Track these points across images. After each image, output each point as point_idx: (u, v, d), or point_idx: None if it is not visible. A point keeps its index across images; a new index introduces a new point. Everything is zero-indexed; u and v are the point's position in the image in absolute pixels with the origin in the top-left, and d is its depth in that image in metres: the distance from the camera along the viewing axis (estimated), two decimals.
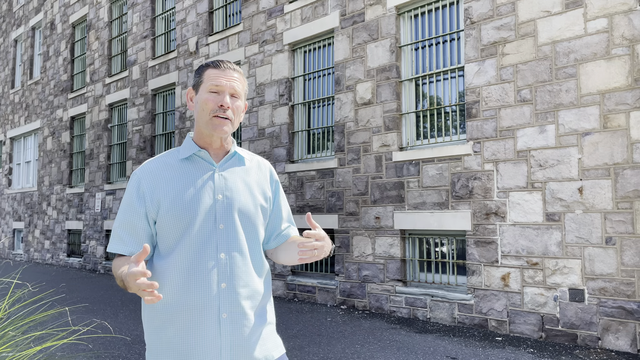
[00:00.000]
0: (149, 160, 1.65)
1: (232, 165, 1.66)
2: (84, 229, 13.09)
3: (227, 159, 1.66)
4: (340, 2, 7.38)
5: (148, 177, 1.58)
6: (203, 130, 1.63)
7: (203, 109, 1.60)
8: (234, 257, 1.56)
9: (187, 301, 1.51)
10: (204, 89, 1.61)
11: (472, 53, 5.89)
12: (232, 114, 1.60)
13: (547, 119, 5.25)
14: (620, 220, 4.73)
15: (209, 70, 1.62)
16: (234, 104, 1.61)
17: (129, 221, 1.56)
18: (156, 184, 1.57)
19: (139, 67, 11.60)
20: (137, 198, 1.56)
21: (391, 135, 6.63)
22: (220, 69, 1.61)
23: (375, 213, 6.75)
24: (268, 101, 8.39)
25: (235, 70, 1.64)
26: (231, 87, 1.60)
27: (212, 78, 1.60)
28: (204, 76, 1.62)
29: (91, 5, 13.57)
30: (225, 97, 1.58)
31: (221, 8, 9.74)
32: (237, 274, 1.56)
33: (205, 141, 1.64)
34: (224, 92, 1.59)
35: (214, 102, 1.58)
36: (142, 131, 11.30)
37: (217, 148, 1.65)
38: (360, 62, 7.07)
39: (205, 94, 1.60)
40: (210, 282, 1.53)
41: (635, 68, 4.73)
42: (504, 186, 5.54)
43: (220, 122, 1.59)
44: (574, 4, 5.12)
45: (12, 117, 17.80)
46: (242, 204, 1.62)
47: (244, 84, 1.66)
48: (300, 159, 8.02)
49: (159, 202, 1.55)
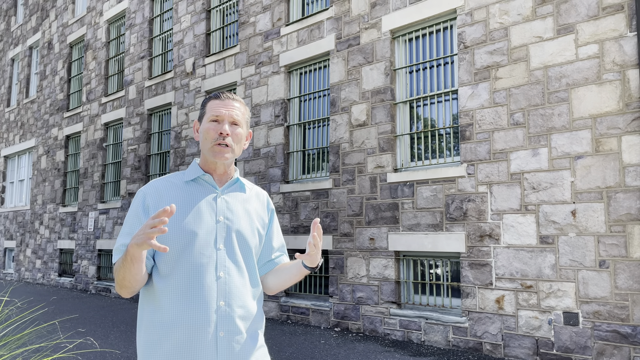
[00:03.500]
0: (155, 179, 1.73)
1: (233, 191, 1.74)
2: (76, 249, 12.98)
3: (229, 184, 1.74)
4: (336, 26, 7.48)
5: (153, 193, 1.65)
6: (207, 158, 1.71)
7: (205, 137, 1.69)
8: (233, 277, 1.62)
9: (185, 317, 1.54)
10: (206, 119, 1.71)
11: (466, 77, 5.97)
12: (232, 141, 1.68)
13: (540, 142, 5.30)
14: (614, 243, 4.75)
15: (211, 102, 1.72)
16: (234, 131, 1.69)
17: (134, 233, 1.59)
18: (160, 200, 1.63)
19: (136, 87, 11.66)
20: (142, 210, 1.62)
21: (386, 156, 6.67)
22: (220, 100, 1.71)
23: (370, 234, 6.74)
24: (264, 122, 8.43)
25: (236, 100, 1.73)
26: (230, 115, 1.68)
27: (213, 108, 1.70)
28: (206, 108, 1.72)
29: (89, 25, 13.69)
30: (224, 125, 1.67)
31: (218, 30, 9.85)
32: (235, 293, 1.61)
33: (209, 167, 1.72)
34: (224, 120, 1.68)
35: (215, 131, 1.67)
36: (137, 150, 11.30)
37: (220, 174, 1.74)
38: (355, 84, 7.14)
39: (206, 124, 1.69)
40: (209, 299, 1.56)
41: (626, 93, 4.80)
42: (497, 208, 5.56)
43: (221, 150, 1.67)
44: (565, 30, 5.22)
45: (7, 135, 17.78)
46: (241, 227, 1.69)
47: (244, 113, 1.75)
48: (295, 180, 8.03)
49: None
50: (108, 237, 11.79)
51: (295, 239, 7.60)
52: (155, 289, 1.58)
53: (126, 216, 1.68)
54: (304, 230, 7.58)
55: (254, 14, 8.86)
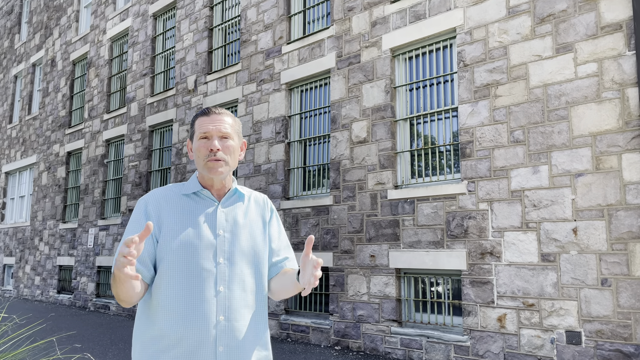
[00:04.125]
0: (156, 189, 1.73)
1: (233, 202, 1.73)
2: (75, 265, 12.92)
3: (228, 196, 1.73)
4: (337, 44, 7.55)
5: (154, 201, 1.66)
6: (203, 175, 1.71)
7: (198, 155, 1.68)
8: (233, 291, 1.60)
9: (184, 332, 1.52)
10: (196, 137, 1.70)
11: (466, 94, 6.00)
12: (224, 154, 1.67)
13: (540, 159, 5.31)
14: (615, 261, 4.73)
15: (198, 119, 1.71)
16: (225, 145, 1.68)
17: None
18: (161, 208, 1.64)
19: (138, 103, 11.73)
20: (144, 216, 1.63)
21: (386, 173, 6.68)
22: (207, 116, 1.70)
23: (371, 251, 6.72)
24: (264, 138, 8.46)
25: (223, 114, 1.72)
26: (218, 130, 1.67)
27: (201, 126, 1.69)
28: (195, 126, 1.72)
29: (92, 43, 13.82)
30: (214, 141, 1.66)
31: (220, 48, 9.94)
32: (236, 307, 1.59)
33: (207, 183, 1.72)
34: (213, 136, 1.67)
35: (205, 148, 1.66)
36: (138, 167, 11.32)
37: (218, 189, 1.73)
38: (355, 101, 7.18)
39: (197, 142, 1.69)
40: (209, 314, 1.55)
41: (625, 111, 4.82)
42: (498, 226, 5.55)
43: (214, 165, 1.66)
44: (564, 48, 5.26)
45: (9, 151, 17.83)
46: (242, 240, 1.67)
47: (233, 125, 1.73)
48: (295, 196, 8.03)
49: (161, 224, 1.61)
50: (108, 254, 11.75)
51: (295, 255, 7.57)
52: (153, 303, 1.57)
53: (128, 223, 1.69)
54: (304, 247, 7.55)
55: (255, 32, 8.95)
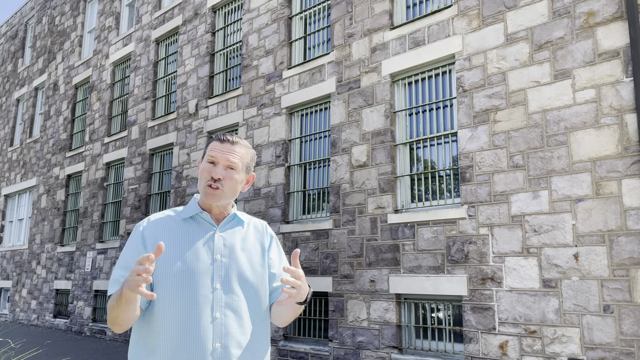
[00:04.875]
0: (153, 215, 1.72)
1: (232, 227, 1.72)
2: (72, 289, 12.80)
3: (227, 221, 1.72)
4: (337, 69, 7.63)
5: (151, 228, 1.65)
6: (202, 197, 1.71)
7: (200, 178, 1.69)
8: (229, 317, 1.58)
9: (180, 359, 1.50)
10: (204, 159, 1.71)
11: (465, 119, 6.04)
12: (224, 184, 1.66)
13: (540, 184, 5.31)
14: (617, 287, 4.69)
15: (212, 143, 1.72)
16: (228, 175, 1.67)
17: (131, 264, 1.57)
18: (158, 234, 1.62)
19: (139, 127, 11.79)
20: (140, 243, 1.61)
21: (386, 197, 6.67)
22: (220, 142, 1.70)
23: (371, 276, 6.66)
24: (265, 162, 8.48)
25: (237, 144, 1.71)
26: (226, 159, 1.67)
27: (211, 150, 1.69)
28: (207, 148, 1.72)
29: (95, 68, 13.97)
30: (217, 169, 1.66)
31: (221, 73, 10.05)
32: (232, 334, 1.57)
33: (206, 206, 1.72)
34: (219, 163, 1.67)
35: (208, 173, 1.67)
36: (137, 190, 11.32)
37: (217, 213, 1.73)
38: (355, 125, 7.22)
39: (203, 164, 1.70)
40: (205, 341, 1.53)
41: (624, 137, 4.84)
42: (499, 251, 5.52)
43: (212, 192, 1.66)
44: (562, 75, 5.31)
45: (9, 174, 17.85)
46: (239, 264, 1.66)
47: (244, 157, 1.72)
48: (295, 220, 8.00)
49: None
50: (105, 278, 11.65)
51: None
52: (149, 329, 1.55)
53: (124, 248, 1.66)
54: (304, 271, 7.49)
55: (256, 57, 9.05)
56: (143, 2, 12.55)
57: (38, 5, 18.11)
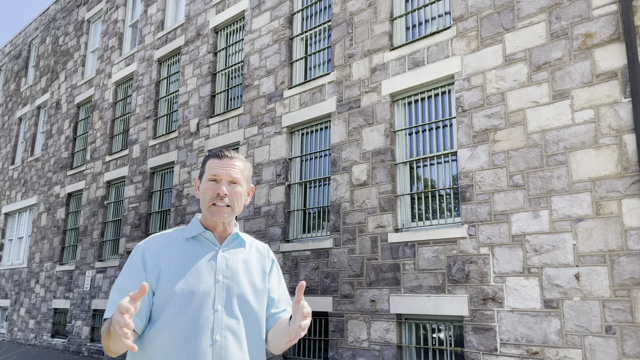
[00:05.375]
0: (155, 235, 1.70)
1: (234, 247, 1.72)
2: (70, 308, 12.71)
3: (229, 240, 1.71)
4: (337, 89, 7.69)
5: (152, 249, 1.63)
6: (206, 216, 1.70)
7: (204, 197, 1.68)
8: (229, 340, 1.57)
9: None
10: (205, 178, 1.70)
11: (465, 139, 6.07)
12: (230, 200, 1.67)
13: (540, 204, 5.31)
14: (619, 308, 4.65)
15: (210, 160, 1.73)
16: (233, 190, 1.68)
17: (129, 288, 1.56)
18: (159, 256, 1.61)
19: (140, 146, 11.84)
20: (140, 265, 1.59)
21: (386, 216, 6.66)
22: (219, 159, 1.71)
23: (371, 296, 6.62)
24: (265, 180, 8.49)
25: (235, 158, 1.72)
26: (228, 175, 1.67)
27: (212, 168, 1.69)
28: (206, 166, 1.72)
29: (97, 87, 14.08)
30: (222, 186, 1.66)
31: (223, 92, 10.12)
32: (232, 357, 1.55)
33: (209, 224, 1.72)
34: (222, 180, 1.67)
35: (212, 191, 1.66)
36: (138, 208, 11.31)
37: (220, 231, 1.72)
38: (356, 144, 7.25)
39: (205, 183, 1.69)
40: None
41: (623, 157, 4.86)
42: (500, 271, 5.49)
43: (219, 210, 1.66)
44: (561, 95, 5.35)
45: (9, 192, 17.87)
46: (241, 287, 1.65)
47: (244, 170, 1.74)
48: (295, 239, 7.98)
49: (159, 273, 1.57)
50: (104, 297, 11.58)
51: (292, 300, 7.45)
52: (148, 351, 1.53)
53: (122, 270, 1.63)
54: (304, 291, 7.44)
55: (258, 77, 9.13)
56: (146, 23, 12.71)
57: (42, 25, 18.34)
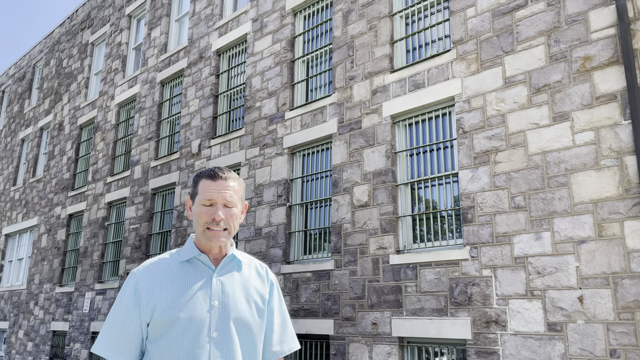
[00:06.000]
0: (149, 261, 1.65)
1: (230, 270, 1.67)
2: (69, 331, 12.59)
3: (225, 263, 1.67)
4: (339, 111, 7.74)
5: (146, 278, 1.58)
6: (200, 239, 1.66)
7: (197, 221, 1.63)
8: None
9: None
10: (198, 201, 1.64)
11: (466, 160, 6.08)
12: (226, 223, 1.63)
13: (542, 226, 5.29)
14: (623, 331, 4.60)
15: (202, 181, 1.66)
16: (228, 213, 1.64)
17: (122, 323, 1.53)
18: (154, 286, 1.56)
19: (141, 167, 11.87)
20: (133, 299, 1.54)
21: (388, 237, 6.63)
22: (212, 180, 1.64)
23: (373, 318, 6.55)
24: (266, 201, 8.48)
25: (229, 179, 1.67)
26: (223, 198, 1.62)
27: (205, 191, 1.63)
28: (198, 187, 1.66)
29: (100, 109, 14.19)
30: (217, 211, 1.61)
31: (225, 113, 10.19)
32: None
33: (204, 247, 1.67)
34: (217, 204, 1.62)
35: (208, 215, 1.62)
36: (138, 230, 11.29)
37: (216, 253, 1.68)
38: (357, 166, 7.26)
39: (199, 207, 1.64)
40: None
41: (625, 179, 4.86)
42: (503, 293, 5.44)
43: (215, 234, 1.62)
44: (561, 117, 5.38)
45: (10, 213, 17.85)
46: (238, 311, 1.60)
47: (238, 191, 1.68)
48: (296, 260, 7.94)
49: (154, 306, 1.53)
50: (103, 319, 11.47)
51: (295, 322, 7.38)
52: None
53: (116, 300, 1.59)
54: (305, 313, 7.38)
55: (259, 99, 9.20)
56: (149, 46, 12.86)
57: (47, 48, 18.56)
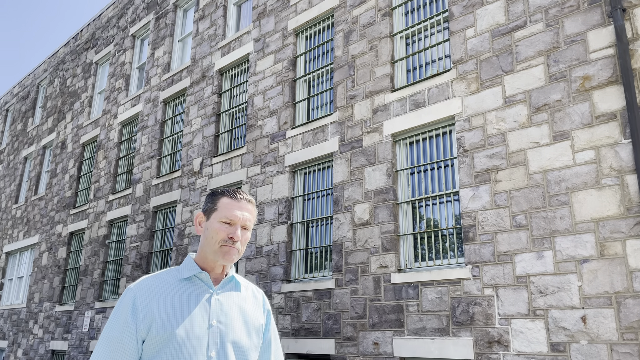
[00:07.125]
0: (147, 277, 1.63)
1: (228, 290, 1.67)
2: (68, 350, 12.48)
3: (224, 283, 1.66)
4: (340, 129, 7.78)
5: (144, 293, 1.56)
6: (209, 256, 1.64)
7: (213, 237, 1.62)
8: None
9: None
10: (216, 217, 1.64)
11: (466, 179, 6.08)
12: (240, 245, 1.64)
13: (544, 244, 5.27)
14: (627, 352, 4.55)
15: (224, 199, 1.66)
16: (244, 236, 1.66)
17: (119, 338, 1.52)
18: (151, 302, 1.54)
19: (143, 185, 11.89)
20: (130, 314, 1.52)
21: (389, 256, 6.61)
22: (235, 200, 1.66)
23: (374, 338, 6.49)
24: (267, 219, 8.48)
25: (250, 202, 1.70)
26: (244, 220, 1.64)
27: (227, 209, 1.64)
28: (218, 204, 1.66)
29: (103, 127, 14.28)
30: (237, 230, 1.62)
31: (227, 132, 10.24)
32: None
33: (208, 265, 1.66)
34: (237, 224, 1.63)
35: (226, 233, 1.62)
36: (139, 248, 11.26)
37: (218, 273, 1.68)
38: (358, 184, 7.27)
39: (217, 224, 1.63)
40: None
41: (626, 197, 4.85)
42: (505, 313, 5.40)
43: (229, 251, 1.62)
44: (561, 136, 5.40)
45: (12, 232, 17.84)
46: (236, 332, 1.60)
47: (254, 215, 1.71)
48: (297, 279, 7.90)
49: (151, 322, 1.52)
50: None
51: (295, 342, 7.32)
52: None
53: (111, 317, 1.56)
54: (305, 332, 7.32)
55: (261, 117, 9.25)
56: (152, 65, 12.99)
57: (51, 67, 18.75)
